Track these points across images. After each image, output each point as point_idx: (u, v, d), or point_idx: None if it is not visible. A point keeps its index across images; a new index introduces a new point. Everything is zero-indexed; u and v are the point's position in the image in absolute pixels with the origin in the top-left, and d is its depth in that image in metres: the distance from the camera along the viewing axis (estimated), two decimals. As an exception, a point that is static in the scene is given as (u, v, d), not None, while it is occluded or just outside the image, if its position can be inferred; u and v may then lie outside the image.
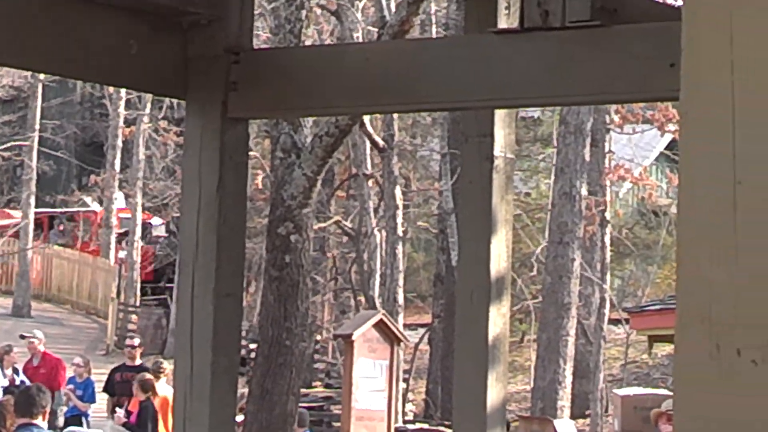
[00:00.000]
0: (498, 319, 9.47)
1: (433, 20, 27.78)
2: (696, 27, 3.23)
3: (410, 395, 25.78)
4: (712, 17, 3.19)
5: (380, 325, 15.87)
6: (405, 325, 24.48)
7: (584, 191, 26.57)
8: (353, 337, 15.43)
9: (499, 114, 9.30)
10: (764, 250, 3.10)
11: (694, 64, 3.23)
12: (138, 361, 24.15)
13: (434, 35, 26.72)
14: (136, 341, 25.47)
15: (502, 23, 8.66)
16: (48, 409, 12.25)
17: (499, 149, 9.31)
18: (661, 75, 6.28)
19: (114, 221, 51.04)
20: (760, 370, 3.07)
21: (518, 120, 25.33)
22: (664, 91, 7.20)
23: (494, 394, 9.32)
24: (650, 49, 6.95)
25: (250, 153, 18.68)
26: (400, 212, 24.19)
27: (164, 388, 20.99)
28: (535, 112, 41.75)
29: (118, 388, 23.17)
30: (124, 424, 21.28)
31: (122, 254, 51.33)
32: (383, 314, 17.16)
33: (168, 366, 20.38)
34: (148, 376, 22.63)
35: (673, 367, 3.25)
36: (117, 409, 22.39)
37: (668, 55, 3.32)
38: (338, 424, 20.32)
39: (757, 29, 3.14)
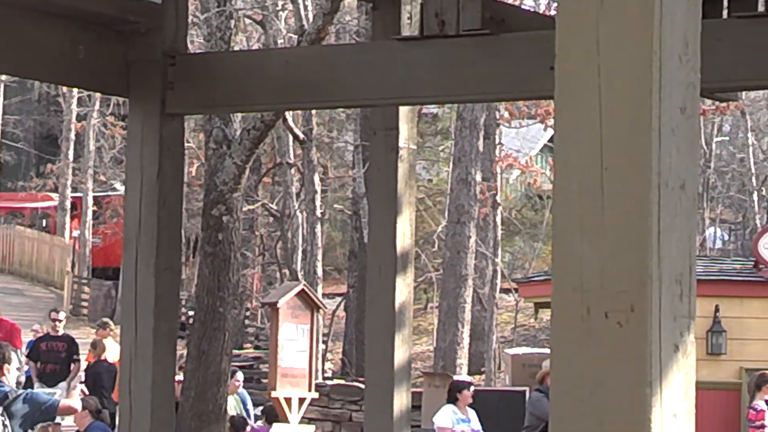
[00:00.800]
0: (403, 288, 9.50)
1: (346, 29, 27.69)
2: (567, 35, 3.25)
3: (329, 355, 25.81)
4: (581, 27, 3.21)
5: (302, 295, 15.86)
6: (324, 295, 24.49)
7: (478, 178, 26.68)
8: (278, 305, 15.42)
9: (403, 111, 9.31)
10: (627, 228, 3.12)
11: (565, 67, 3.25)
12: (60, 332, 23.90)
13: (347, 42, 26.63)
14: (61, 315, 25.10)
15: (405, 31, 8.66)
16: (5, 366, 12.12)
17: (403, 141, 9.33)
18: (542, 77, 6.28)
19: (68, 204, 50.94)
20: (624, 331, 3.10)
21: (420, 116, 25.35)
22: (544, 91, 7.20)
23: (401, 353, 9.36)
24: (532, 54, 7.00)
25: (186, 144, 18.63)
26: (318, 196, 24.21)
27: (113, 347, 20.80)
28: (434, 109, 41.82)
29: (42, 355, 23.09)
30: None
31: (76, 233, 51.37)
32: (304, 285, 17.15)
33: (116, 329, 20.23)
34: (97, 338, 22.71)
35: (551, 330, 3.27)
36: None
37: (548, 59, 3.33)
38: (266, 380, 20.29)
39: (620, 37, 3.16)
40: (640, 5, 3.11)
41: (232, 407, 18.28)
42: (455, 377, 21.62)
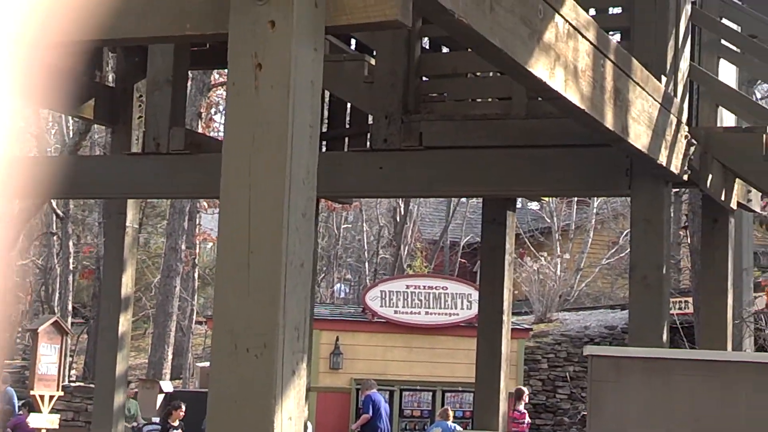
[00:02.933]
0: (124, 322, 9.26)
1: (97, 143, 26.79)
2: (231, 160, 3.23)
3: (74, 365, 24.70)
4: (240, 155, 3.20)
5: (55, 323, 15.15)
6: (73, 323, 23.43)
7: (183, 246, 26.20)
8: (38, 330, 14.70)
9: (130, 202, 9.12)
10: (264, 291, 3.11)
11: (228, 181, 3.23)
12: None
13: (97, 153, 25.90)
14: None
15: (133, 149, 8.51)
16: None
17: (129, 222, 9.13)
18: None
19: None
20: (260, 361, 3.08)
21: (146, 203, 24.84)
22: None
23: (121, 365, 9.12)
24: (219, 169, 6.95)
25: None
26: (71, 256, 23.21)
27: None
28: (159, 200, 41.11)
29: None
30: None
31: None
32: (57, 317, 16.44)
33: None
34: None
35: (211, 357, 3.21)
36: None
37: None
38: (28, 382, 19.45)
39: (264, 165, 3.15)
40: (278, 146, 3.12)
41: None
42: (161, 382, 21.03)
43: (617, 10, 8.02)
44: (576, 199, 28.83)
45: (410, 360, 16.37)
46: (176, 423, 14.26)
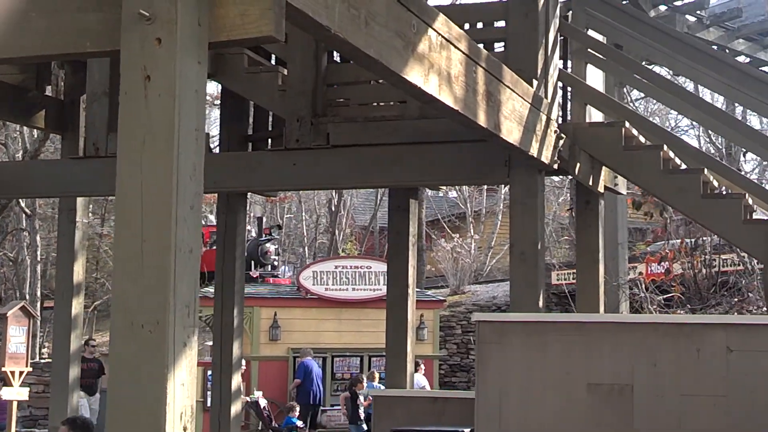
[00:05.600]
0: (77, 305, 9.21)
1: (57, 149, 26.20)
2: (124, 161, 3.19)
3: (46, 345, 24.04)
4: (132, 157, 3.16)
5: (23, 308, 14.89)
6: (43, 308, 22.86)
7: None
8: (7, 314, 14.44)
9: (80, 200, 9.01)
10: (156, 275, 3.08)
11: (123, 180, 3.19)
12: None
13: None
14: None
15: (79, 153, 8.39)
16: None
17: (78, 217, 9.00)
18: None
19: None
20: (154, 335, 3.06)
21: (104, 199, 24.32)
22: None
23: (74, 343, 9.17)
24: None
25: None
26: (39, 249, 22.56)
27: None
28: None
29: None
30: None
31: None
32: (24, 302, 16.14)
33: None
34: None
35: (110, 335, 3.18)
36: None
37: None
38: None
39: (155, 164, 3.11)
40: (166, 147, 3.09)
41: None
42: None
43: (501, 23, 8.09)
44: (486, 187, 29.02)
45: (340, 330, 16.41)
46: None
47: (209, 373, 11.90)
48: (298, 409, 14.42)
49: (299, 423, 14.32)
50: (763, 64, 14.02)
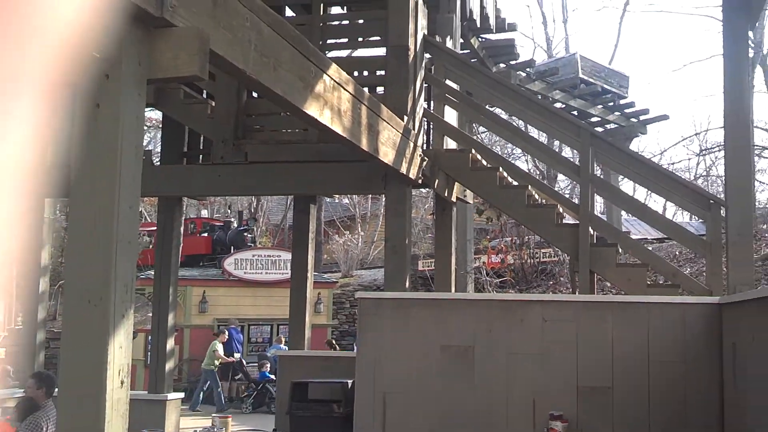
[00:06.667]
0: (43, 283, 8.68)
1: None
2: (79, 168, 3.06)
3: (20, 314, 22.78)
4: (85, 164, 3.04)
5: (-2, 287, 14.06)
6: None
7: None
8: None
9: (48, 200, 8.53)
10: (102, 259, 2.96)
11: (76, 185, 3.06)
12: None
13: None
14: None
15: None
16: None
17: (46, 214, 8.56)
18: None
19: None
20: (98, 308, 2.95)
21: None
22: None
23: (41, 313, 8.58)
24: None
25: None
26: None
27: None
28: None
29: None
30: None
31: None
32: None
33: None
34: None
35: (63, 307, 3.05)
36: None
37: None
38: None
39: (105, 179, 3.00)
40: (111, 160, 2.98)
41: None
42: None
43: (382, 72, 8.13)
44: (370, 195, 29.15)
45: (255, 305, 16.19)
46: None
47: (149, 338, 11.55)
48: (268, 364, 13.81)
49: (272, 376, 13.68)
50: (573, 110, 14.57)
